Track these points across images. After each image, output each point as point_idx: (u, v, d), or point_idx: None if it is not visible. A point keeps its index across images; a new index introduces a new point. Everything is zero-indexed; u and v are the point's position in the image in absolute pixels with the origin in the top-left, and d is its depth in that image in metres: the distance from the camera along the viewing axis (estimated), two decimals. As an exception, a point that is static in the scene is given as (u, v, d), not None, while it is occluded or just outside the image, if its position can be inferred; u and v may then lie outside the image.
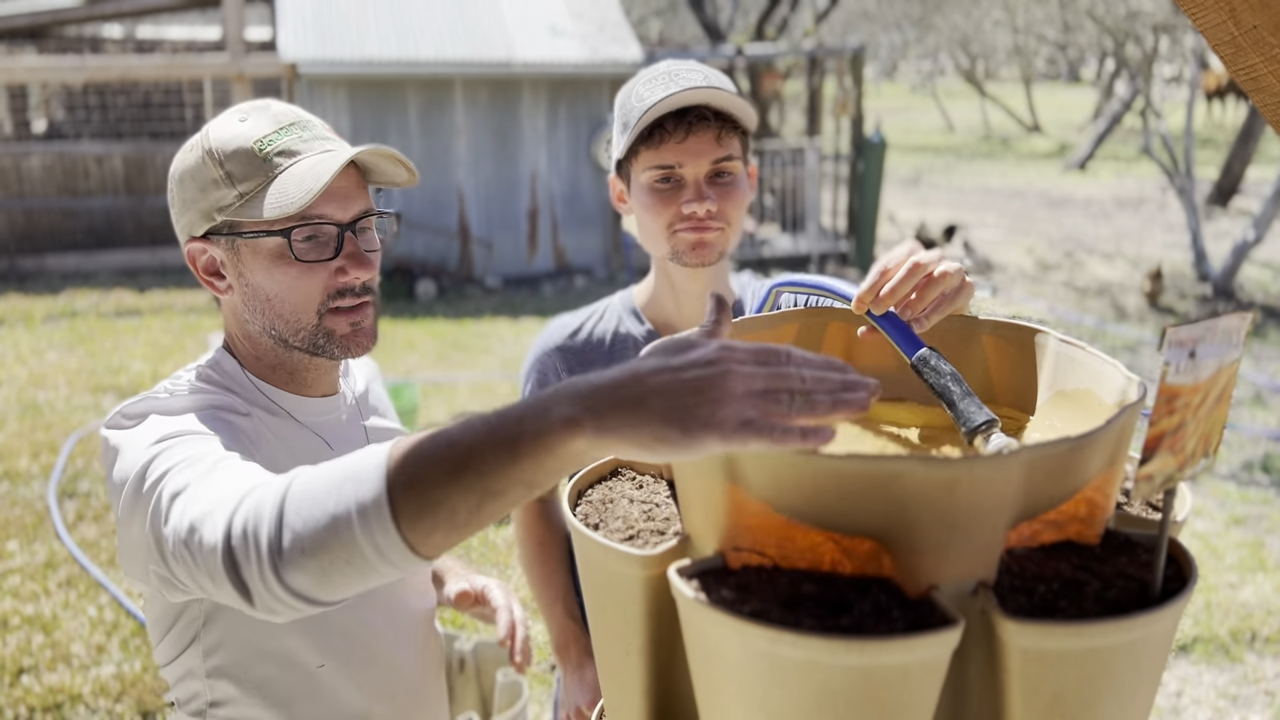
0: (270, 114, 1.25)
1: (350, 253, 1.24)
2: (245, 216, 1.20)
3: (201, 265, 1.27)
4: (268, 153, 1.20)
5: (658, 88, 1.47)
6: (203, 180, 1.21)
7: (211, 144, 1.22)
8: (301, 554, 0.85)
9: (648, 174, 1.51)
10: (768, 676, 0.68)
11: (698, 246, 1.52)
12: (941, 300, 0.98)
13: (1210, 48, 1.02)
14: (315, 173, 1.18)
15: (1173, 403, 0.65)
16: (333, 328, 1.25)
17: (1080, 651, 0.68)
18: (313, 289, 1.23)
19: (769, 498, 0.72)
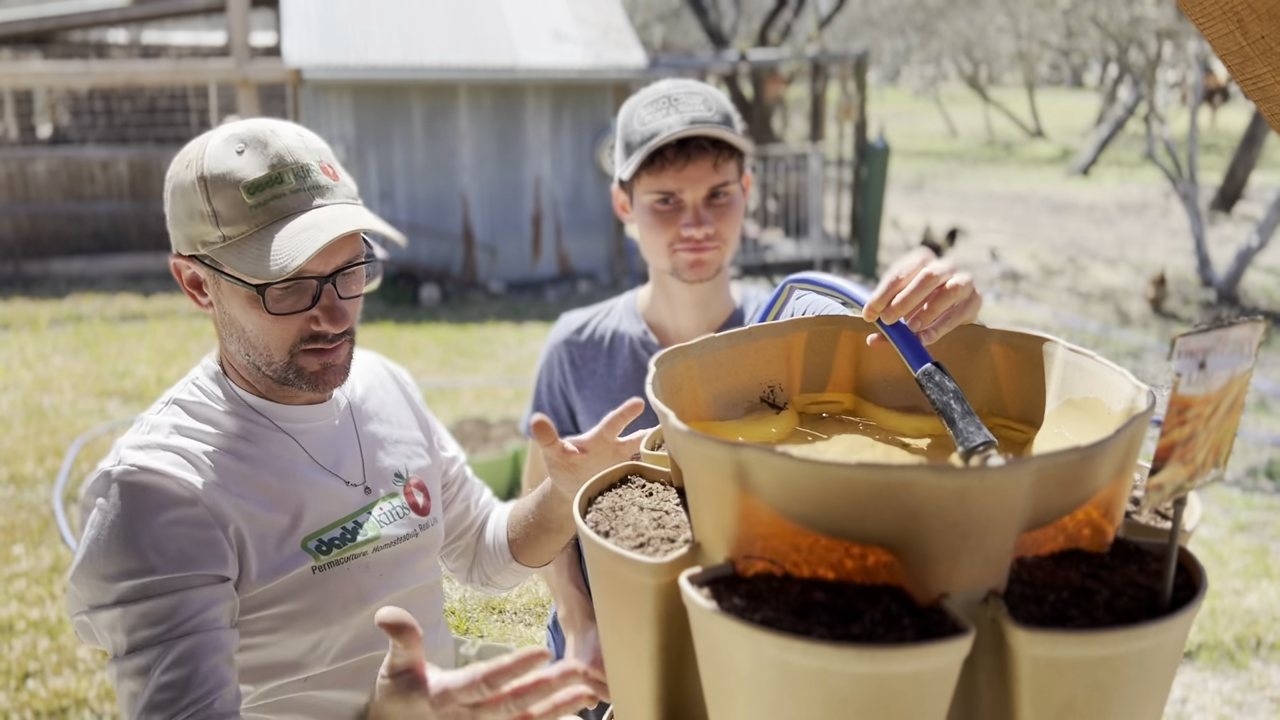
0: (267, 153, 1.20)
1: (325, 305, 1.24)
2: (225, 261, 1.20)
3: (186, 279, 1.28)
4: (254, 203, 1.19)
5: (659, 113, 1.57)
6: (190, 208, 1.21)
7: (204, 170, 1.20)
8: None
9: (649, 196, 1.61)
10: (779, 684, 0.68)
11: (695, 265, 1.63)
12: (951, 312, 0.98)
13: (1218, 57, 1.02)
14: (300, 241, 1.16)
15: (1184, 413, 0.65)
16: (303, 366, 1.26)
17: (1091, 660, 0.68)
18: (286, 334, 1.24)
19: (780, 505, 0.73)
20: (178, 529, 1.17)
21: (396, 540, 1.37)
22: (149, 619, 1.14)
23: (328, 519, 1.31)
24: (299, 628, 1.26)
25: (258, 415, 1.31)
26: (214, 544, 1.19)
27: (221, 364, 1.34)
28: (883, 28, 21.74)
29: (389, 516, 1.38)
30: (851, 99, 11.57)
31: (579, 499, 0.92)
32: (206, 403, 1.30)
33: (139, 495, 1.17)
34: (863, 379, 1.06)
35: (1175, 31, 10.09)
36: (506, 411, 6.52)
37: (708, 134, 1.54)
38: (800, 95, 14.89)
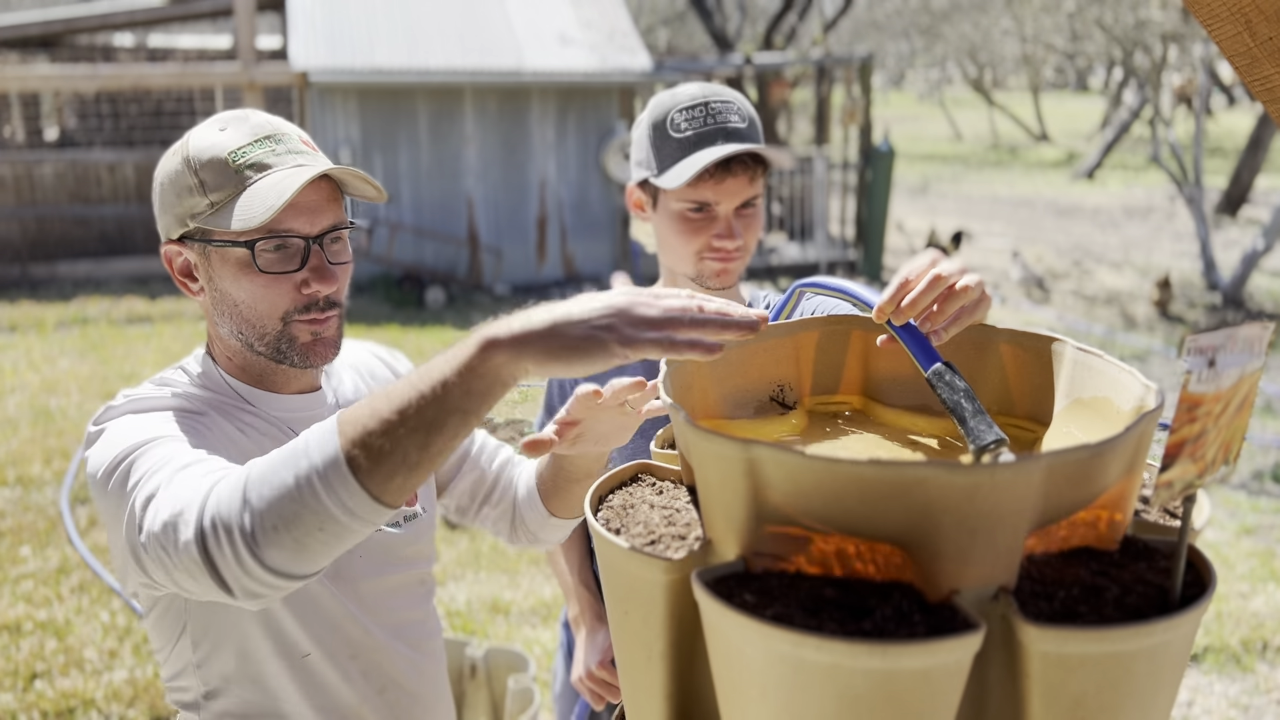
0: (248, 125, 1.27)
1: (315, 266, 1.26)
2: (214, 225, 1.23)
3: (177, 267, 1.30)
4: (239, 164, 1.23)
5: (697, 121, 1.59)
6: (179, 186, 1.25)
7: (190, 151, 1.25)
8: (274, 531, 0.90)
9: (681, 204, 1.62)
10: (791, 680, 0.69)
11: (722, 274, 1.66)
12: (961, 313, 0.98)
13: (1226, 59, 1.02)
14: (280, 188, 1.20)
15: (1194, 411, 0.66)
16: (295, 334, 1.28)
17: (1101, 656, 0.68)
18: (278, 299, 1.25)
19: (791, 502, 0.73)
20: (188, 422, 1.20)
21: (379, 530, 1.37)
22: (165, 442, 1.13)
23: None
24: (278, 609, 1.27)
25: (245, 403, 1.32)
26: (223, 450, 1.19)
27: (211, 354, 1.36)
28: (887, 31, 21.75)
29: None
30: (856, 102, 11.57)
31: (590, 496, 0.92)
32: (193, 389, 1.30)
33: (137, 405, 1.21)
34: (872, 379, 1.07)
35: (1180, 35, 10.08)
36: (512, 413, 6.53)
37: (756, 151, 1.57)
38: (805, 99, 14.91)
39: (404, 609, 1.45)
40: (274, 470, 0.92)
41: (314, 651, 1.32)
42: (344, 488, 0.88)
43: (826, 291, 1.15)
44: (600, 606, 1.86)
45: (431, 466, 0.89)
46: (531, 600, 4.23)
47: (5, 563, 4.47)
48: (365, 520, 0.90)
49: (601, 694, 1.78)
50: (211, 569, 0.94)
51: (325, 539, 0.91)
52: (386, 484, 0.88)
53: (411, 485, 0.89)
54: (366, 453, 0.87)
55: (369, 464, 0.88)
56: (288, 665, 1.31)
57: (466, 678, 2.77)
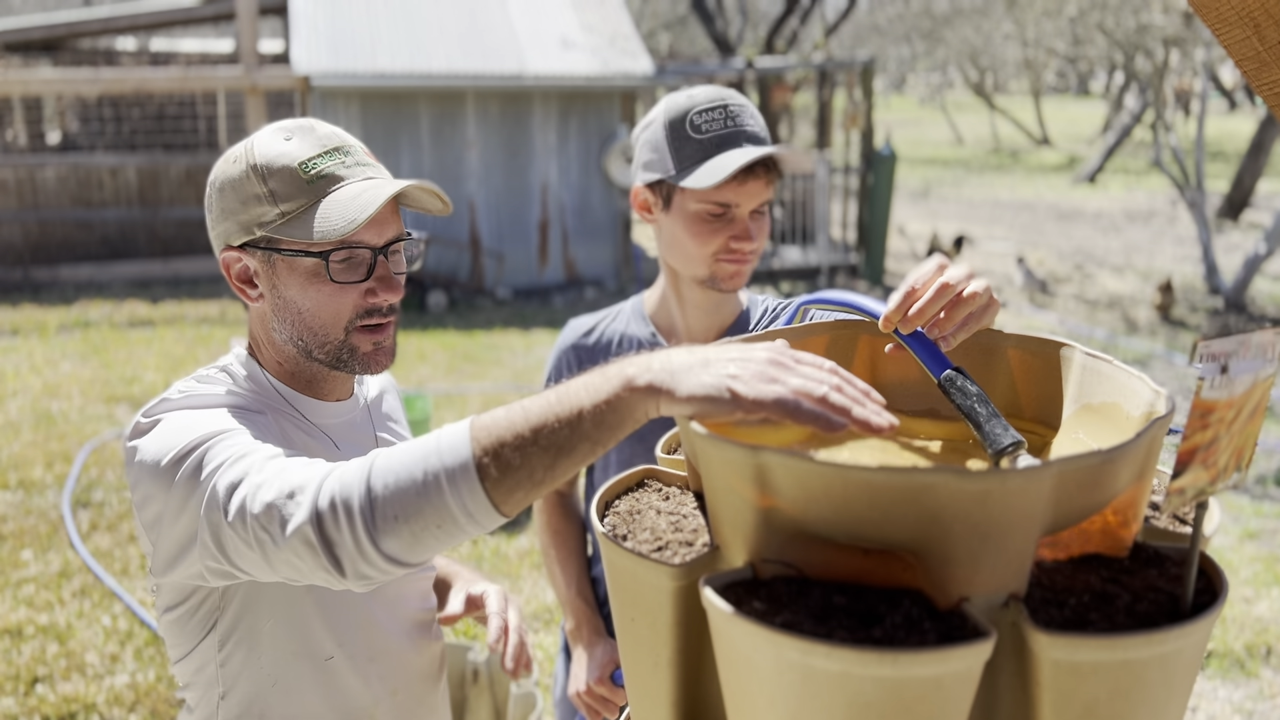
0: (315, 135, 1.28)
1: (381, 275, 1.30)
2: (285, 235, 1.24)
3: (235, 273, 1.31)
4: (311, 175, 1.24)
5: (717, 123, 1.59)
6: (244, 194, 1.25)
7: (256, 159, 1.25)
8: (395, 520, 0.94)
9: (701, 205, 1.61)
10: (800, 688, 0.68)
11: (735, 276, 1.65)
12: (969, 320, 0.98)
13: (1234, 63, 1.02)
14: (360, 202, 1.22)
15: (1206, 417, 0.65)
16: (357, 344, 1.30)
17: (1112, 664, 0.68)
18: (343, 307, 1.28)
19: (799, 509, 0.73)
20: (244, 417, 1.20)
21: None
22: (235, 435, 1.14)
23: None
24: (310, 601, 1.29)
25: (287, 405, 1.34)
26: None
27: (257, 359, 1.36)
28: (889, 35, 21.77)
29: None
30: (858, 106, 11.58)
31: (596, 502, 0.92)
32: (236, 387, 1.31)
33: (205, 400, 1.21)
34: (880, 385, 1.06)
35: (1182, 39, 10.08)
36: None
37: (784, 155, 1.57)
38: (807, 103, 14.92)
39: (417, 608, 1.47)
40: (402, 463, 0.95)
41: (337, 654, 1.34)
42: (470, 492, 0.91)
43: (832, 307, 1.14)
44: (597, 620, 1.84)
45: (553, 485, 0.92)
46: (534, 605, 4.22)
47: (6, 566, 4.46)
48: (482, 526, 0.94)
49: (599, 709, 1.77)
50: (328, 550, 0.97)
51: (440, 536, 0.95)
52: (510, 495, 0.92)
53: (529, 500, 0.93)
54: (497, 463, 0.91)
55: (497, 474, 0.91)
56: (311, 667, 1.32)
57: (469, 683, 2.76)
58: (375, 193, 1.23)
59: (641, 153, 1.68)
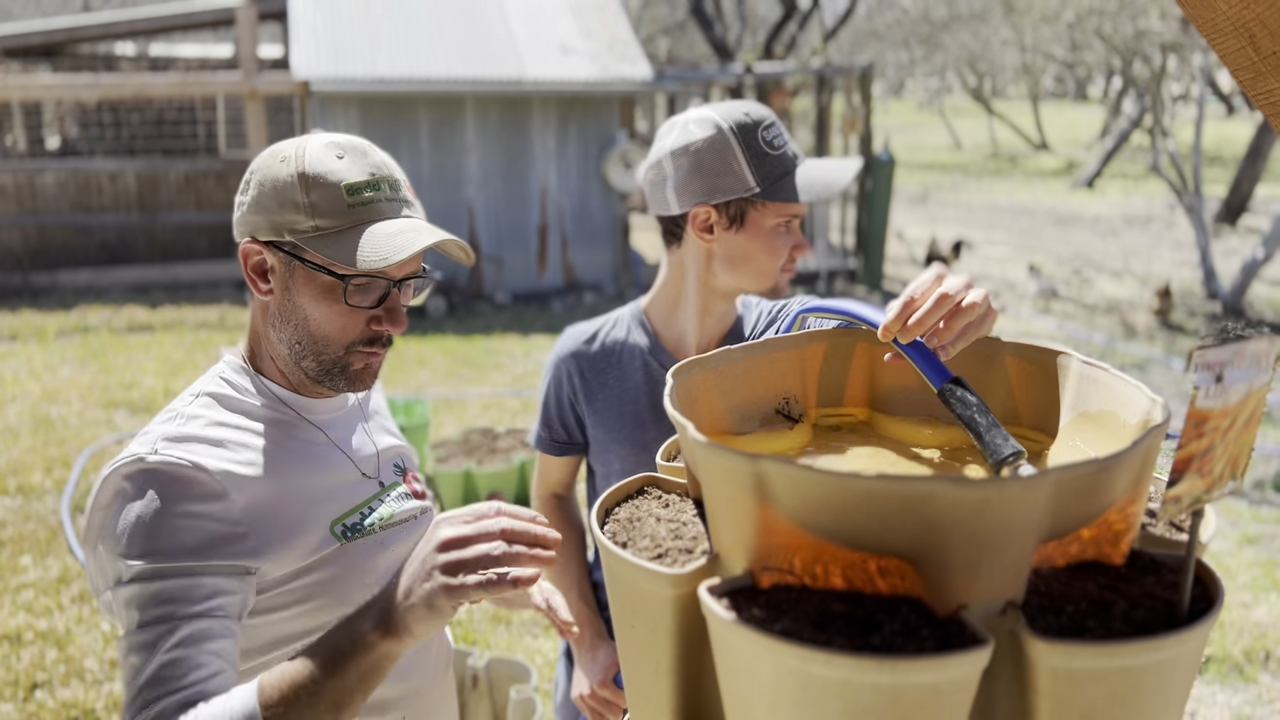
0: (367, 162, 1.31)
1: (391, 307, 1.34)
2: (313, 248, 1.26)
3: (252, 264, 1.33)
4: (354, 201, 1.27)
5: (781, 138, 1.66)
6: (284, 198, 1.27)
7: (306, 168, 1.27)
8: None
9: (777, 219, 1.66)
10: (799, 695, 0.68)
11: (786, 285, 1.73)
12: (968, 329, 0.98)
13: (1229, 72, 1.03)
14: (397, 242, 1.26)
15: (1201, 426, 0.66)
16: (350, 363, 1.34)
17: (1109, 671, 0.68)
18: (349, 328, 1.32)
19: (799, 517, 0.73)
20: (202, 521, 1.21)
21: (406, 518, 1.46)
22: (160, 598, 1.17)
23: (348, 505, 1.39)
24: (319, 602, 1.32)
25: (285, 407, 1.38)
26: (236, 539, 1.23)
27: (249, 357, 1.40)
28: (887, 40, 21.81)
29: (397, 500, 1.47)
30: (856, 111, 11.60)
31: (596, 509, 0.92)
32: (236, 395, 1.35)
33: (170, 484, 1.21)
34: (878, 391, 1.07)
35: (1180, 45, 10.11)
36: (513, 422, 6.52)
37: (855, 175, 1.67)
38: (805, 108, 14.94)
39: None
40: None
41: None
42: None
43: (829, 314, 1.15)
44: (599, 623, 1.85)
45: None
46: (533, 611, 4.22)
47: (6, 572, 4.46)
48: None
49: (603, 712, 1.77)
50: None
51: None
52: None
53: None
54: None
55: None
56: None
57: (468, 688, 2.76)
58: (414, 237, 1.26)
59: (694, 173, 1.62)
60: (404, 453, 1.57)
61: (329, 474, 1.38)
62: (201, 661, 1.15)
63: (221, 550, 1.21)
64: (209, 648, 1.16)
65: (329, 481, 1.37)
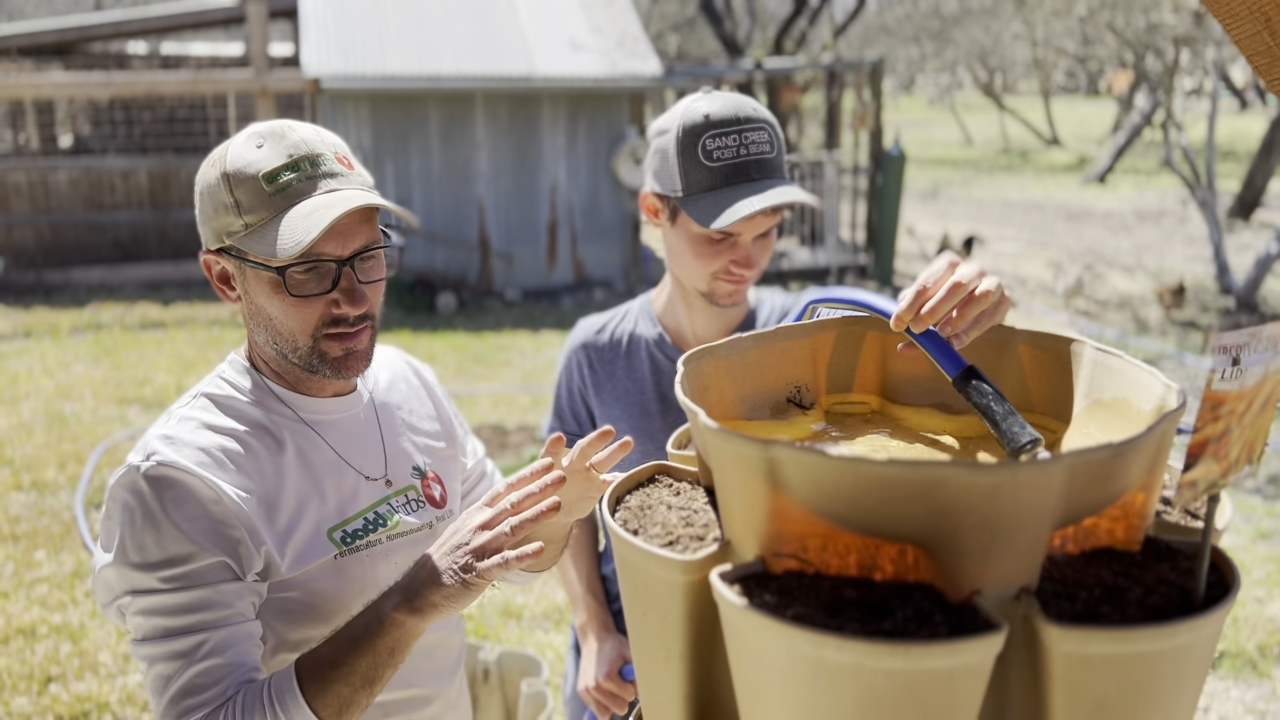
0: (284, 143, 1.27)
1: (345, 288, 1.28)
2: (248, 246, 1.25)
3: (215, 274, 1.33)
4: (272, 190, 1.24)
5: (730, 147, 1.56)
6: (216, 202, 1.27)
7: (228, 168, 1.26)
8: None
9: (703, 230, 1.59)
10: (812, 681, 0.68)
11: (733, 294, 1.66)
12: (981, 318, 0.98)
13: (1245, 58, 1.02)
14: (311, 221, 1.21)
15: (1217, 409, 0.65)
16: (326, 350, 1.31)
17: (1124, 657, 0.68)
18: (308, 318, 1.28)
19: (811, 503, 0.73)
20: (206, 524, 1.21)
21: (413, 530, 1.42)
22: (190, 606, 1.18)
23: (351, 510, 1.35)
24: (318, 612, 1.30)
25: (284, 407, 1.35)
26: (239, 542, 1.23)
27: (250, 358, 1.39)
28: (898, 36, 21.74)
29: (407, 508, 1.42)
30: (867, 107, 11.56)
31: (607, 497, 0.92)
32: (234, 396, 1.34)
33: (166, 489, 1.21)
34: (889, 379, 1.06)
35: (1193, 38, 10.04)
36: (523, 418, 6.53)
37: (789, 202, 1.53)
38: (815, 103, 14.90)
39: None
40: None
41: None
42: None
43: (840, 304, 1.14)
44: (606, 616, 1.85)
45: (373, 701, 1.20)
46: (544, 605, 4.23)
47: (20, 567, 4.49)
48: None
49: (608, 705, 1.77)
50: None
51: None
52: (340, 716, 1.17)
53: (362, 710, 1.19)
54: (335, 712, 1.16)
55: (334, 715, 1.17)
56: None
57: (479, 682, 2.77)
58: (326, 213, 1.21)
59: (653, 159, 1.66)
60: (433, 453, 1.51)
61: (324, 477, 1.34)
62: (235, 665, 1.18)
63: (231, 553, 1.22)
64: (239, 651, 1.19)
65: (324, 485, 1.34)
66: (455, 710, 1.53)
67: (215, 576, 1.20)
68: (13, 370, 7.71)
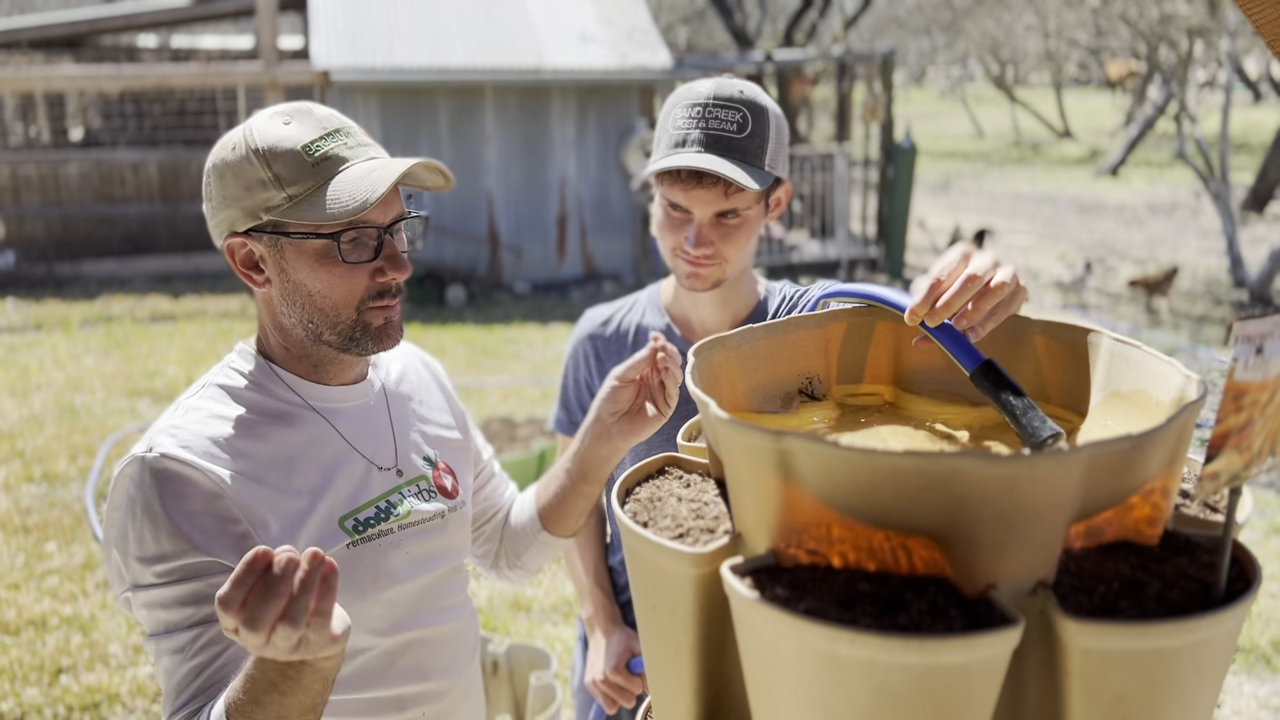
0: (314, 119, 1.28)
1: (389, 255, 1.30)
2: (293, 218, 1.24)
3: (240, 259, 1.31)
4: (316, 157, 1.24)
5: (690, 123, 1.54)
6: (248, 180, 1.24)
7: (258, 144, 1.24)
8: None
9: (664, 200, 1.60)
10: (825, 675, 0.67)
11: (691, 276, 1.62)
12: (997, 309, 0.96)
13: (1265, 43, 1.00)
14: (369, 181, 1.23)
15: (1240, 399, 0.64)
16: (369, 321, 1.31)
17: (1143, 652, 0.66)
18: (354, 288, 1.28)
19: (824, 495, 0.72)
20: (206, 520, 1.20)
21: (425, 519, 1.41)
22: (185, 600, 1.18)
23: (362, 499, 1.35)
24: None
25: (294, 395, 1.35)
26: (242, 536, 1.22)
27: (260, 347, 1.38)
28: (909, 27, 21.64)
29: (418, 497, 1.41)
30: (877, 99, 11.51)
31: (617, 488, 0.91)
32: (244, 385, 1.33)
33: (168, 483, 1.20)
34: (903, 370, 1.05)
35: (1207, 29, 9.97)
36: (532, 411, 6.53)
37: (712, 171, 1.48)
38: (826, 95, 14.85)
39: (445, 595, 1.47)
40: None
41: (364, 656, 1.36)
42: None
43: (852, 299, 1.13)
44: (614, 608, 1.84)
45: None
46: (553, 598, 4.22)
47: (31, 558, 4.50)
48: None
49: (615, 698, 1.77)
50: None
51: None
52: None
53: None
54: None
55: None
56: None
57: (489, 674, 2.77)
58: (384, 172, 1.23)
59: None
60: (444, 444, 1.51)
61: (335, 466, 1.33)
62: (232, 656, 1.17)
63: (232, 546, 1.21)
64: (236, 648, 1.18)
65: (335, 473, 1.33)
66: (469, 701, 1.52)
67: (212, 571, 1.19)
68: (24, 362, 7.73)
